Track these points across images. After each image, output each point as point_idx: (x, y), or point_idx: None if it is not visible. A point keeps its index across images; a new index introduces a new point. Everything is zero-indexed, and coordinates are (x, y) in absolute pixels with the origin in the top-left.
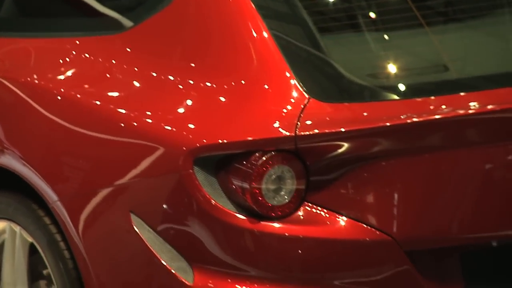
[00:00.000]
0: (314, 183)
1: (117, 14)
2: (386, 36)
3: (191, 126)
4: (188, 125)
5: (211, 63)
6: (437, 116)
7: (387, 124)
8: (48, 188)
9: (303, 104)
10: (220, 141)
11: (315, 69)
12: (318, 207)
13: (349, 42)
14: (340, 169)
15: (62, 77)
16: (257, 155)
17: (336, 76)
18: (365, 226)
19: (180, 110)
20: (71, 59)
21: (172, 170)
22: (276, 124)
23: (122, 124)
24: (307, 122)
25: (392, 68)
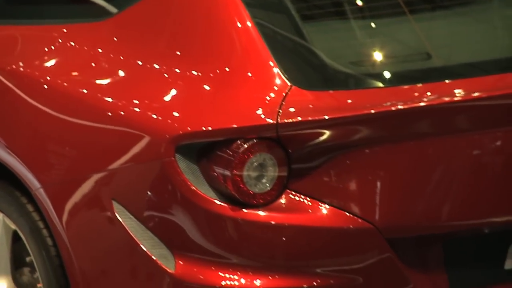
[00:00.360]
0: (296, 171)
1: (102, 0)
2: (369, 24)
3: (174, 114)
4: (171, 113)
5: (195, 51)
6: (420, 104)
7: (369, 112)
8: (31, 176)
9: (285, 92)
10: (202, 129)
11: (298, 57)
12: (300, 195)
13: (332, 30)
14: (323, 157)
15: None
16: (239, 143)
17: (319, 64)
18: (347, 213)
19: (163, 98)
20: (56, 47)
21: (154, 157)
22: (258, 112)
23: (105, 112)
24: (288, 110)
25: (375, 56)
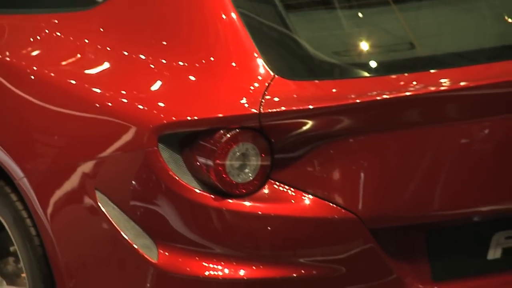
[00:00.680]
0: (279, 161)
1: None
2: (354, 14)
3: (157, 104)
4: (155, 103)
5: (180, 41)
6: (405, 94)
7: (353, 102)
8: (15, 165)
9: (268, 82)
10: (184, 119)
11: (282, 47)
12: (283, 185)
13: (316, 20)
14: (306, 146)
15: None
16: (221, 133)
17: (303, 54)
18: (330, 204)
19: (147, 89)
20: (42, 37)
21: (137, 147)
22: (241, 102)
23: (90, 102)
24: (271, 100)
25: (360, 45)
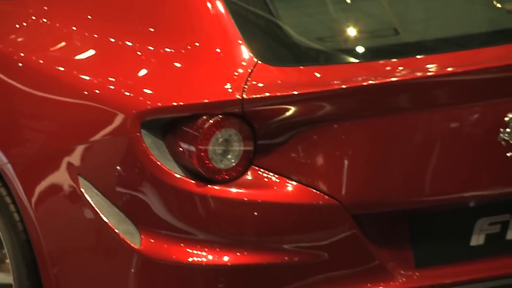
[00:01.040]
0: (262, 147)
1: None
2: None
3: (140, 90)
4: (137, 89)
5: (166, 28)
6: (389, 79)
7: (336, 88)
8: None
9: (251, 68)
10: (167, 105)
11: (265, 33)
12: (266, 171)
13: (300, 6)
14: (289, 132)
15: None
16: (204, 118)
17: (286, 40)
18: (313, 190)
19: (130, 74)
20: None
21: (120, 133)
22: (223, 88)
23: (74, 88)
24: (254, 86)
25: (344, 31)
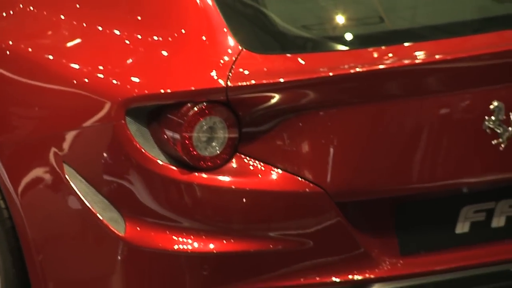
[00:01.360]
0: (246, 135)
1: None
2: None
3: (126, 77)
4: (123, 77)
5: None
6: (372, 67)
7: (322, 75)
8: None
9: (235, 56)
10: (151, 92)
11: (251, 21)
12: (251, 159)
13: None
14: (274, 120)
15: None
16: (189, 106)
17: (272, 28)
18: (297, 177)
19: (116, 62)
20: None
21: (105, 120)
22: (208, 75)
23: (61, 76)
24: (239, 73)
25: (330, 18)
